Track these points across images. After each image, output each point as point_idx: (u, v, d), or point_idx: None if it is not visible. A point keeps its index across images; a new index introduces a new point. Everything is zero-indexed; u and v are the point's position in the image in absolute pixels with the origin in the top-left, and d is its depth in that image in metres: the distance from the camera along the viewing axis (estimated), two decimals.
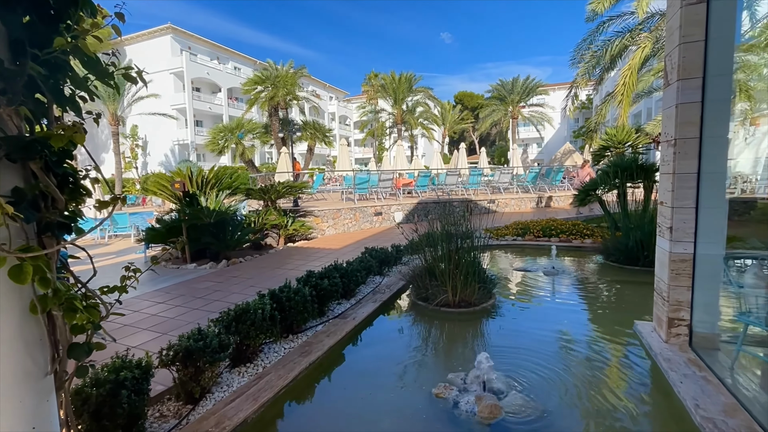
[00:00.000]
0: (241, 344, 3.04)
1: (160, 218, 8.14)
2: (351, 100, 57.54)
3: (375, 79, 37.69)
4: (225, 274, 6.38)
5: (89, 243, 11.17)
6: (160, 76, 32.83)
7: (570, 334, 4.09)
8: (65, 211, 1.55)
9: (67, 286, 1.56)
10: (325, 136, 23.60)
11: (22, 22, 1.36)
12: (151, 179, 9.47)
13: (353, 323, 3.96)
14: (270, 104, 22.57)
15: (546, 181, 14.63)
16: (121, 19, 1.41)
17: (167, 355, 2.59)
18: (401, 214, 11.77)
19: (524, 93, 31.88)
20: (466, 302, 4.52)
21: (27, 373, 1.43)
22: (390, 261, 6.05)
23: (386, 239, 9.04)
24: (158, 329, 3.98)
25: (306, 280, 4.10)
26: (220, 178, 8.70)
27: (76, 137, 1.38)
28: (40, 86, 1.40)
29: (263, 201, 9.65)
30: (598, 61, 11.91)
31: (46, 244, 1.47)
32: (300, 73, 24.67)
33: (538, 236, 8.35)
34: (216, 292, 5.26)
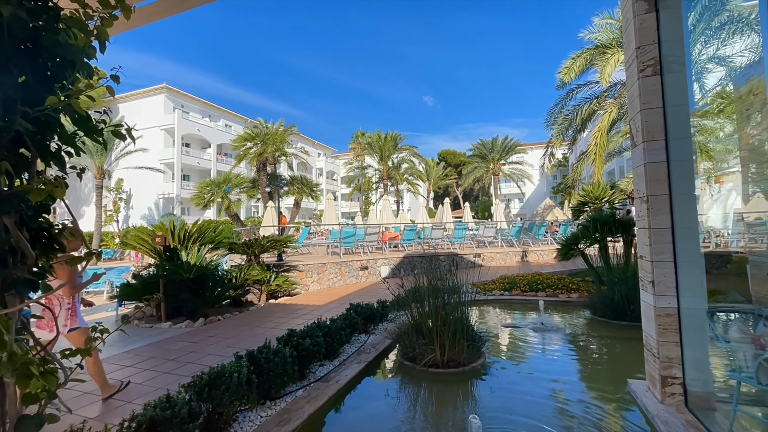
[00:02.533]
0: (213, 413, 2.78)
1: (136, 273, 7.82)
2: (338, 157, 59.40)
3: (362, 137, 39.38)
4: (202, 333, 6.03)
5: None
6: (151, 132, 33.58)
7: (564, 394, 3.93)
8: (34, 266, 1.48)
9: (24, 349, 1.44)
10: (312, 191, 23.96)
11: (16, 82, 1.40)
12: (132, 233, 9.25)
13: (336, 387, 3.72)
14: (259, 160, 23.09)
15: (529, 235, 14.92)
16: (116, 81, 1.46)
17: (129, 428, 2.34)
18: (387, 269, 11.66)
19: (504, 151, 33.67)
20: (455, 362, 4.34)
21: None
22: (376, 318, 5.87)
23: (372, 294, 8.84)
24: (122, 397, 3.64)
25: (287, 340, 3.90)
26: (204, 232, 8.57)
27: (56, 192, 1.35)
28: (26, 142, 1.40)
29: (246, 255, 9.46)
30: (570, 124, 12.86)
31: (7, 303, 1.38)
32: (289, 131, 25.62)
33: (525, 291, 8.31)
34: (190, 354, 4.92)
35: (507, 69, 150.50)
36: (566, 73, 12.00)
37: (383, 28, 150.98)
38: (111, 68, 1.50)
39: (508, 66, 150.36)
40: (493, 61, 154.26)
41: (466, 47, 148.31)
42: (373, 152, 32.96)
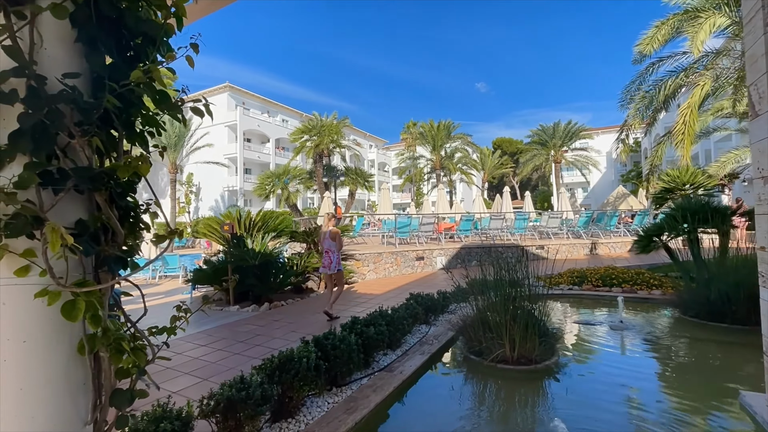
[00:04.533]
0: (284, 396, 2.81)
1: (207, 259, 8.36)
2: (390, 148, 59.44)
3: (413, 127, 38.92)
4: (267, 317, 6.28)
5: (141, 282, 11.69)
6: (216, 129, 35.94)
7: (655, 404, 3.48)
8: (124, 245, 1.50)
9: (116, 325, 1.47)
10: (366, 181, 24.20)
11: (104, 60, 1.40)
12: (202, 222, 9.93)
13: (401, 378, 3.62)
14: (315, 152, 23.73)
15: (599, 226, 13.74)
16: (195, 50, 1.41)
17: (207, 405, 2.42)
18: (444, 259, 11.38)
19: (566, 137, 31.36)
20: (526, 358, 4.04)
21: (67, 420, 1.31)
22: (436, 309, 5.69)
23: (430, 285, 8.66)
24: (199, 374, 3.85)
25: (351, 327, 3.86)
26: (267, 220, 8.93)
27: (142, 168, 1.34)
28: (114, 120, 1.41)
29: (306, 244, 9.72)
30: (650, 102, 11.45)
31: (101, 279, 1.41)
32: (343, 123, 26.00)
33: (597, 285, 7.63)
34: (258, 336, 5.12)
35: (566, 50, 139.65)
36: (647, 43, 10.63)
37: (433, 16, 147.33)
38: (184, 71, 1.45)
39: (568, 47, 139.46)
40: (551, 42, 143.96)
41: (521, 30, 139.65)
42: (425, 142, 32.43)
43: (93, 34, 1.33)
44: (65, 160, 1.27)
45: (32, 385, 1.24)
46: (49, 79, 1.24)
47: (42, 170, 1.21)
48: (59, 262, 1.23)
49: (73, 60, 1.31)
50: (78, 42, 1.33)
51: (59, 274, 1.23)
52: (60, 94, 1.24)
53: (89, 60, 1.34)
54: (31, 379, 1.24)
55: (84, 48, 1.34)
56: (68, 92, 1.25)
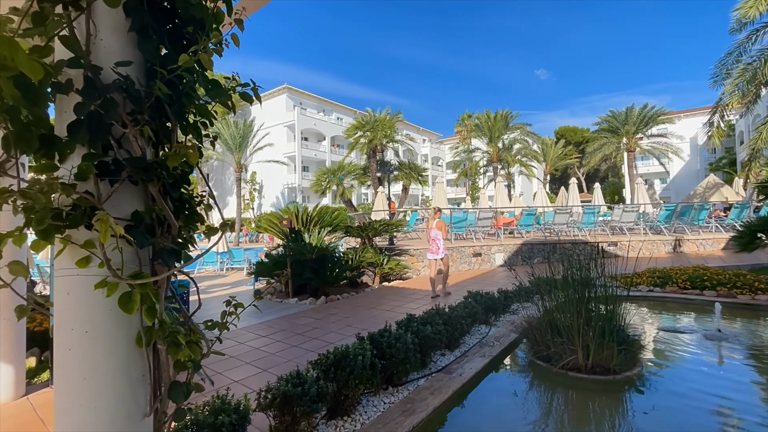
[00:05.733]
0: (339, 394, 2.74)
1: (268, 253, 8.73)
2: (443, 142, 58.33)
3: (468, 119, 37.73)
4: (323, 310, 6.37)
5: (210, 274, 12.59)
6: (276, 129, 37.81)
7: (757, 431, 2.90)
8: (179, 237, 1.48)
9: (173, 318, 1.46)
10: (420, 176, 23.93)
11: (156, 48, 1.37)
12: (264, 218, 10.41)
13: (460, 381, 3.40)
14: (368, 147, 23.94)
15: (684, 221, 12.17)
16: (239, 26, 1.33)
17: (265, 398, 2.42)
18: (503, 256, 10.82)
19: (642, 123, 28.27)
20: (603, 367, 3.61)
21: (128, 413, 1.30)
22: (497, 308, 5.35)
23: (488, 283, 8.26)
24: (259, 364, 3.96)
25: (407, 325, 3.72)
26: (323, 216, 9.10)
27: (190, 156, 1.29)
28: (166, 111, 1.38)
29: (361, 239, 9.77)
30: (753, 75, 9.74)
31: (157, 271, 1.40)
32: (396, 118, 25.90)
33: (685, 288, 6.71)
34: (314, 329, 5.19)
35: (638, 28, 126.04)
36: (751, 6, 9.02)
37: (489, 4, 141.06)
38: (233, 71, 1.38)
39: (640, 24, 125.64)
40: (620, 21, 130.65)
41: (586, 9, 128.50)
42: (482, 134, 31.19)
43: (145, 22, 1.31)
44: (120, 150, 1.25)
45: (95, 375, 1.25)
46: (104, 69, 1.23)
47: (99, 161, 1.21)
48: (116, 253, 1.22)
49: (126, 50, 1.29)
50: (131, 31, 1.30)
51: (116, 266, 1.22)
52: (113, 83, 1.22)
53: (141, 49, 1.32)
54: (93, 369, 1.25)
55: (137, 37, 1.31)
56: (121, 80, 1.23)
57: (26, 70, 1.03)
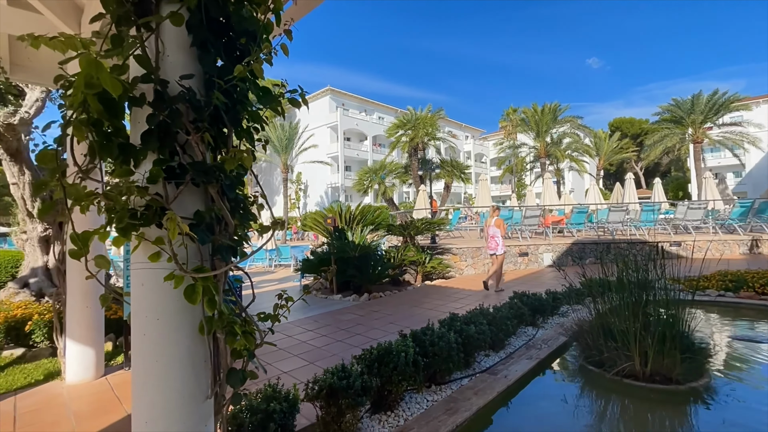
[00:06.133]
0: (383, 389, 2.80)
1: (313, 251, 9.04)
2: (487, 138, 56.78)
3: (514, 114, 36.40)
4: (366, 307, 6.49)
5: (260, 270, 13.25)
6: (320, 130, 38.89)
7: None
8: (235, 235, 1.59)
9: (230, 309, 1.57)
10: (462, 173, 23.50)
11: (214, 61, 1.49)
12: (309, 217, 10.78)
13: (505, 382, 3.33)
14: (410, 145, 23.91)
15: (763, 219, 10.90)
16: (289, 36, 1.41)
17: (312, 389, 2.52)
18: (551, 256, 10.36)
19: (711, 111, 25.65)
20: (663, 376, 3.36)
21: (191, 394, 1.43)
22: (545, 310, 5.15)
23: (535, 283, 7.96)
24: (306, 357, 4.12)
25: (450, 324, 3.69)
26: (365, 214, 9.25)
27: (245, 159, 1.39)
28: (223, 118, 1.49)
29: (402, 237, 9.81)
30: None
31: (216, 266, 1.52)
32: (438, 115, 25.63)
33: (763, 293, 6.04)
34: (358, 325, 5.30)
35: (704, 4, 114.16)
36: None
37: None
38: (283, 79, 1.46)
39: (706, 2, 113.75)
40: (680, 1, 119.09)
41: None
42: (528, 129, 29.99)
43: (204, 37, 1.42)
44: (184, 156, 1.38)
45: (165, 358, 1.39)
46: (170, 83, 1.36)
47: (167, 166, 1.34)
48: (181, 249, 1.35)
49: (188, 64, 1.42)
50: (192, 46, 1.43)
51: (182, 260, 1.34)
52: (179, 95, 1.34)
53: (202, 62, 1.44)
54: (164, 352, 1.39)
55: (197, 51, 1.44)
56: (185, 92, 1.35)
57: (108, 87, 1.17)
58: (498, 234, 7.35)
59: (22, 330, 4.54)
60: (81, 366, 3.68)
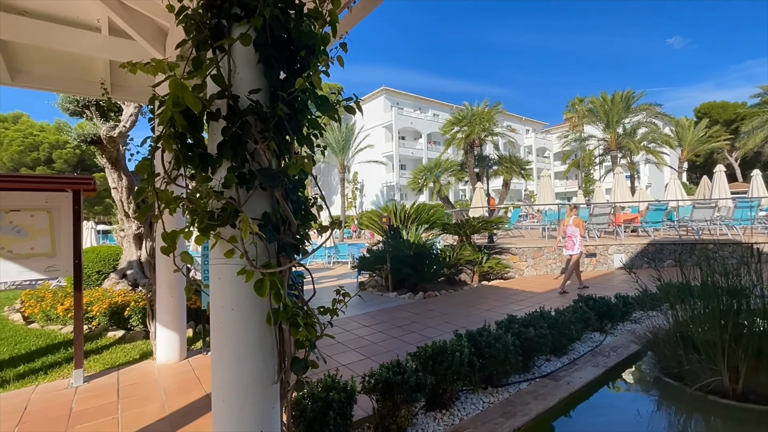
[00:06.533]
0: (438, 387, 2.82)
1: (369, 249, 9.25)
2: (550, 131, 53.61)
3: (580, 104, 33.95)
4: (421, 306, 6.51)
5: (319, 266, 13.84)
6: (375, 130, 39.52)
7: None
8: (297, 234, 1.72)
9: (294, 302, 1.71)
10: (522, 169, 22.48)
11: (278, 75, 1.63)
12: (365, 215, 11.05)
13: (568, 389, 3.16)
14: (466, 142, 23.38)
15: None
16: (344, 49, 1.49)
17: (369, 383, 2.62)
18: (623, 257, 9.55)
19: None
20: (759, 395, 2.97)
21: (261, 378, 1.58)
22: (614, 315, 4.78)
23: (604, 286, 7.41)
24: (363, 351, 4.26)
25: (507, 326, 3.60)
26: (420, 213, 9.26)
27: (306, 165, 1.50)
28: (286, 127, 1.62)
29: (458, 236, 9.67)
30: None
31: (281, 263, 1.65)
32: (495, 110, 24.75)
33: None
34: (413, 323, 5.35)
35: None
36: None
37: None
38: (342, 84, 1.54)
39: None
40: None
41: None
42: (596, 119, 27.75)
43: (269, 53, 1.56)
44: (253, 162, 1.52)
45: (238, 345, 1.55)
46: (240, 98, 1.51)
47: (238, 172, 1.49)
48: (251, 247, 1.50)
49: (255, 79, 1.56)
50: (259, 63, 1.57)
51: (252, 257, 1.49)
52: (248, 108, 1.49)
53: (267, 76, 1.58)
54: (237, 339, 1.55)
55: (263, 67, 1.58)
56: (253, 105, 1.49)
57: (191, 105, 1.34)
58: (576, 234, 7.16)
59: (122, 314, 5.24)
60: (168, 349, 4.16)
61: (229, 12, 1.54)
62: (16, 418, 2.96)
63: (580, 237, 7.17)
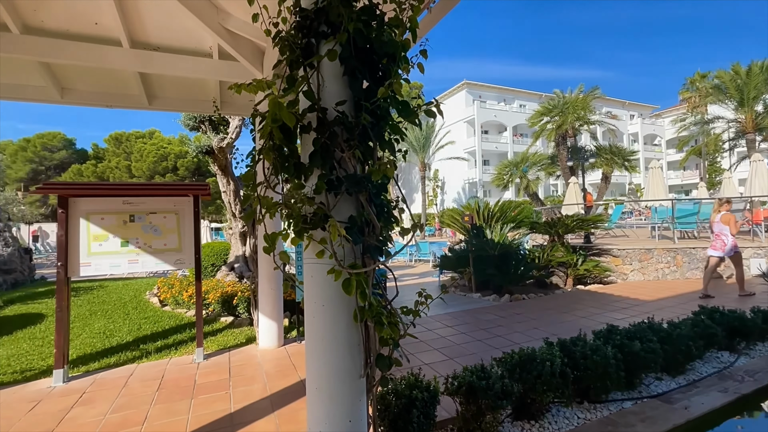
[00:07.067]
0: (525, 396, 2.67)
1: (451, 248, 9.11)
2: (661, 115, 46.65)
3: (702, 80, 28.96)
4: (508, 309, 6.22)
5: (401, 265, 14.06)
6: (456, 126, 38.67)
7: None
8: (380, 236, 1.79)
9: (378, 301, 1.78)
10: (625, 160, 19.96)
11: (361, 86, 1.71)
12: (447, 213, 10.91)
13: (685, 415, 2.74)
14: (557, 133, 21.55)
15: None
16: (424, 55, 1.51)
17: (452, 384, 2.60)
18: (762, 263, 7.90)
19: None
20: None
21: (349, 371, 1.68)
22: (750, 332, 3.98)
23: (733, 297, 6.24)
24: (445, 352, 4.24)
25: (607, 336, 3.25)
26: (505, 211, 8.83)
27: (388, 171, 1.55)
28: (369, 134, 1.69)
29: (549, 236, 8.99)
30: None
31: (366, 263, 1.74)
32: (592, 96, 22.37)
33: None
34: (498, 327, 5.14)
35: None
36: None
37: None
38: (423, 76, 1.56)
39: None
40: None
41: None
42: (725, 97, 23.28)
43: (353, 65, 1.65)
44: (339, 169, 1.63)
45: (328, 337, 1.67)
46: (328, 110, 1.62)
47: (327, 179, 1.61)
48: (339, 248, 1.60)
49: (341, 91, 1.66)
50: (344, 75, 1.67)
51: (340, 258, 1.59)
52: (335, 119, 1.60)
53: (351, 88, 1.67)
54: (327, 332, 1.67)
55: (348, 79, 1.67)
56: (340, 116, 1.59)
57: (287, 121, 1.48)
58: (725, 232, 6.31)
59: (231, 303, 5.99)
60: (268, 335, 4.65)
61: (317, 30, 1.67)
62: (157, 384, 3.60)
63: (731, 236, 6.27)
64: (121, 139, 33.68)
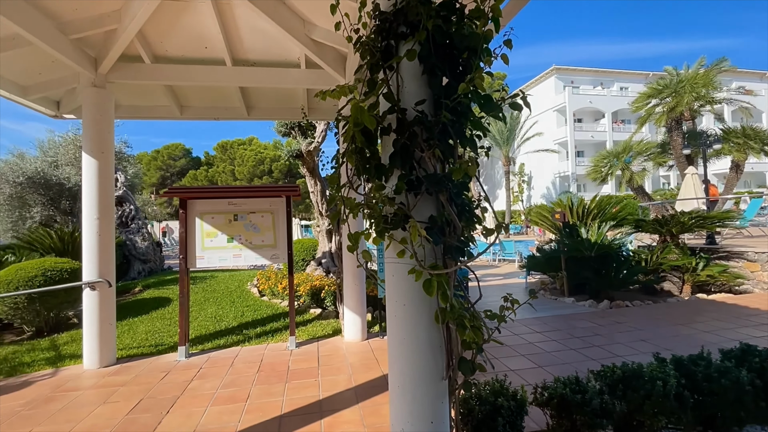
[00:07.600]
0: (630, 416, 2.36)
1: (540, 247, 8.49)
2: None
3: None
4: (607, 316, 5.58)
5: (483, 264, 13.54)
6: (544, 116, 35.83)
7: None
8: (462, 236, 1.74)
9: (460, 303, 1.73)
10: (765, 145, 16.44)
11: (441, 83, 1.67)
12: (534, 210, 10.19)
13: None
14: (669, 117, 18.62)
15: None
16: (508, 45, 1.41)
17: (541, 395, 2.42)
18: None
19: None
20: None
21: (430, 372, 1.67)
22: None
23: None
24: (534, 360, 3.97)
25: (741, 357, 2.71)
26: (603, 208, 7.94)
27: (469, 169, 1.49)
28: (449, 132, 1.65)
29: (659, 235, 7.83)
30: None
31: (447, 264, 1.70)
32: (717, 69, 18.83)
33: None
34: (596, 336, 4.65)
35: None
36: None
37: None
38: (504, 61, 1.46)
39: None
40: None
41: None
42: None
43: (432, 63, 1.62)
44: (419, 169, 1.62)
45: (409, 337, 1.67)
46: (407, 110, 1.62)
47: (407, 179, 1.61)
48: (420, 248, 1.59)
49: (420, 90, 1.65)
50: (423, 74, 1.65)
51: (420, 258, 1.59)
52: (414, 120, 1.59)
53: (431, 86, 1.64)
54: (408, 332, 1.68)
55: (427, 77, 1.65)
56: (419, 116, 1.58)
57: (368, 124, 1.52)
58: None
59: (319, 296, 6.39)
60: (352, 329, 4.86)
61: (396, 32, 1.67)
62: (257, 366, 4.01)
63: None
64: (226, 147, 38.27)
